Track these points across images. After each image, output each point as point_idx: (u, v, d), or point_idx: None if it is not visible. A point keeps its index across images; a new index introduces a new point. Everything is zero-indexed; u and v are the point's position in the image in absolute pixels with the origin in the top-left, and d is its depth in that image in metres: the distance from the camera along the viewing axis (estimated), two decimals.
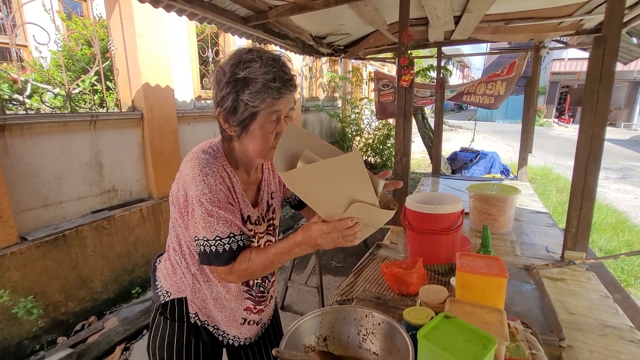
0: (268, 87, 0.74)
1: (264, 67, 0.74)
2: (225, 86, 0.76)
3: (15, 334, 2.08)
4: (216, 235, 0.80)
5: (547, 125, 17.72)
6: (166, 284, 0.98)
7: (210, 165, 0.81)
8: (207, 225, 0.79)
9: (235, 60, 0.76)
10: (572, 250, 1.63)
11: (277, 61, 0.77)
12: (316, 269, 2.55)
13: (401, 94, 1.90)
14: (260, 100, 0.75)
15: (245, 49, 0.79)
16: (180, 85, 3.43)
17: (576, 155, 1.54)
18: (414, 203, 1.46)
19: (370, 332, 0.95)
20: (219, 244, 0.80)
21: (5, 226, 2.05)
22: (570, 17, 2.63)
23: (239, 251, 0.82)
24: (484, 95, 4.10)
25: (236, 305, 0.97)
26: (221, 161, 0.84)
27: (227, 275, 0.83)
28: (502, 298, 1.01)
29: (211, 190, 0.79)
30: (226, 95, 0.76)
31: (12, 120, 2.11)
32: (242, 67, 0.74)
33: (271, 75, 0.74)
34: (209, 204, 0.79)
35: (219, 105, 0.79)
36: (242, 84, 0.74)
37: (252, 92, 0.74)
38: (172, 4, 1.95)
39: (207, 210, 0.79)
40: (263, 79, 0.73)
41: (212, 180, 0.80)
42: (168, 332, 0.97)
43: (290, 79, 0.78)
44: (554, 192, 5.29)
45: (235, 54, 0.79)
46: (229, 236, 0.81)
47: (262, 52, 0.77)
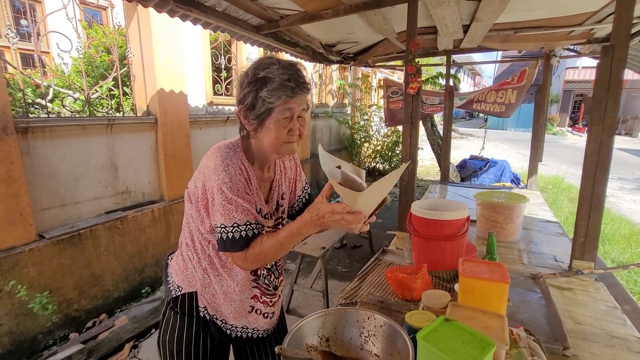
0: (283, 86, 0.82)
1: (281, 69, 0.83)
2: (247, 85, 0.85)
3: (30, 329, 2.15)
4: (234, 222, 0.86)
5: (561, 134, 17.39)
6: (177, 279, 1.02)
7: (231, 157, 0.88)
8: (226, 212, 0.86)
9: (257, 64, 0.87)
10: (580, 260, 1.61)
11: (293, 66, 0.86)
12: (322, 273, 2.57)
13: (408, 101, 1.93)
14: (276, 97, 0.83)
15: (266, 56, 0.89)
16: (194, 90, 3.54)
17: (584, 164, 1.54)
18: (419, 209, 1.47)
19: (372, 334, 0.96)
20: (235, 231, 0.86)
21: (25, 224, 2.15)
22: (581, 26, 2.62)
23: (253, 238, 0.88)
24: (495, 103, 4.07)
25: (244, 295, 1.02)
26: (240, 156, 0.92)
27: (243, 261, 0.89)
28: (503, 304, 1.02)
29: (231, 180, 0.86)
30: (247, 94, 0.85)
31: (34, 123, 2.21)
32: (262, 68, 0.84)
33: (287, 76, 0.83)
34: (230, 192, 0.85)
35: (240, 103, 0.88)
36: (262, 82, 0.83)
37: (270, 89, 0.82)
38: (187, 14, 2.03)
39: (227, 198, 0.85)
40: (280, 79, 0.82)
41: (233, 170, 0.87)
42: (178, 325, 1.01)
43: (304, 82, 0.86)
44: (565, 201, 5.18)
45: (257, 60, 0.89)
46: (245, 223, 0.87)
47: (281, 59, 0.87)
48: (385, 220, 4.91)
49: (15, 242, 2.10)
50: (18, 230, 2.11)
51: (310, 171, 5.80)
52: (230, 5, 2.10)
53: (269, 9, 2.23)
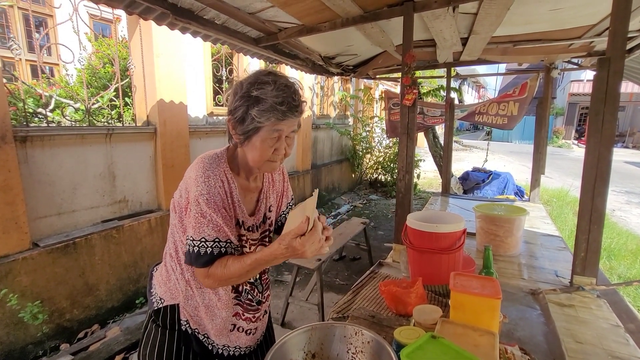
0: (275, 109, 0.81)
1: (276, 91, 0.81)
2: (239, 99, 0.84)
3: (20, 338, 2.12)
4: (202, 237, 0.85)
5: (566, 147, 17.28)
6: (160, 291, 1.01)
7: (213, 169, 0.88)
8: (198, 225, 0.85)
9: (252, 79, 0.84)
10: (582, 275, 1.56)
11: (289, 88, 0.83)
12: (317, 286, 2.52)
13: (404, 113, 1.92)
14: (265, 118, 0.82)
15: (264, 71, 0.86)
16: (194, 101, 3.58)
17: (583, 176, 1.51)
18: (414, 221, 1.45)
19: (360, 351, 0.93)
20: (202, 246, 0.85)
21: (20, 232, 2.15)
22: (580, 39, 2.63)
23: (219, 256, 0.87)
24: (497, 115, 4.07)
25: (226, 313, 0.99)
26: (223, 167, 0.91)
27: (205, 278, 0.88)
28: (495, 320, 0.98)
29: (209, 192, 0.85)
30: (238, 107, 0.84)
31: (33, 132, 2.24)
32: (256, 87, 0.82)
33: (280, 99, 0.81)
34: (205, 204, 0.85)
35: (231, 114, 0.87)
36: (254, 101, 0.82)
37: (260, 109, 0.81)
38: (186, 27, 2.07)
39: (202, 211, 0.85)
40: (272, 101, 0.80)
41: (213, 182, 0.86)
42: (159, 339, 0.99)
43: (297, 105, 0.84)
44: (570, 215, 5.08)
45: (255, 73, 0.86)
46: (214, 240, 0.86)
47: (278, 77, 0.84)
48: (386, 233, 4.86)
49: (8, 250, 2.10)
50: (12, 238, 2.11)
51: (311, 182, 5.79)
52: (229, 18, 2.14)
53: (267, 21, 2.27)
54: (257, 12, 2.11)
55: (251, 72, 0.87)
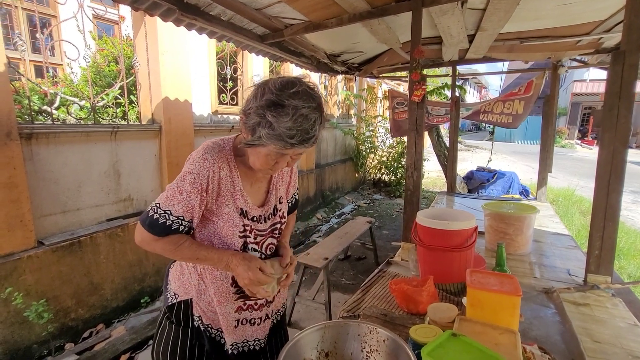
0: (284, 140, 0.78)
1: (291, 122, 0.76)
2: (255, 109, 0.79)
3: (25, 338, 2.11)
4: (169, 209, 0.85)
5: (569, 147, 17.20)
6: (175, 286, 1.01)
7: (214, 153, 0.88)
8: (171, 197, 0.85)
9: (274, 96, 0.77)
10: (596, 273, 1.54)
11: (308, 119, 0.78)
12: (324, 285, 2.50)
13: (413, 109, 1.90)
14: (272, 144, 0.79)
15: (291, 88, 0.78)
16: (199, 99, 3.57)
17: (597, 173, 1.48)
18: (425, 218, 1.42)
19: (375, 349, 0.91)
20: (163, 215, 0.85)
21: (25, 230, 2.13)
22: (589, 36, 2.60)
23: (174, 232, 0.86)
24: (502, 114, 4.04)
25: (228, 309, 0.99)
26: (227, 154, 0.91)
27: (149, 242, 0.87)
28: (515, 319, 0.95)
29: (199, 173, 0.85)
30: (252, 115, 0.80)
31: (39, 129, 2.23)
32: (273, 110, 0.76)
33: (293, 132, 0.77)
34: (189, 183, 0.85)
35: (244, 114, 0.84)
36: (267, 123, 0.77)
37: (270, 134, 0.77)
38: (193, 23, 2.06)
39: (182, 187, 0.85)
40: (284, 132, 0.77)
41: (207, 166, 0.86)
42: (172, 336, 0.98)
43: (310, 138, 0.80)
44: (577, 214, 5.04)
45: (281, 87, 0.78)
46: (178, 217, 0.85)
47: (301, 102, 0.77)
48: (391, 232, 4.83)
49: (14, 249, 2.09)
50: (17, 236, 2.10)
51: (315, 182, 5.77)
52: (235, 15, 2.12)
53: (273, 18, 2.25)
54: (264, 7, 2.09)
55: (278, 79, 0.80)
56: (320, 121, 0.81)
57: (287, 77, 0.83)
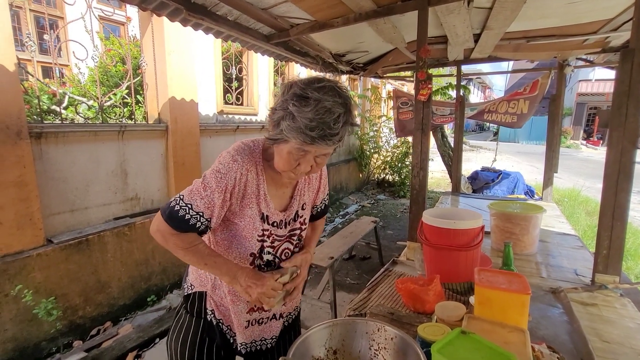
0: (303, 132, 0.75)
1: (313, 113, 0.73)
2: (281, 103, 0.79)
3: (34, 335, 2.13)
4: (190, 203, 0.84)
5: (575, 147, 17.06)
6: (192, 277, 1.03)
7: (244, 155, 0.87)
8: (195, 192, 0.85)
9: (300, 88, 0.76)
10: (604, 273, 1.53)
11: (331, 113, 0.75)
12: (330, 284, 2.50)
13: (419, 108, 1.90)
14: (292, 137, 0.77)
15: (317, 81, 0.78)
16: (204, 99, 3.59)
17: (605, 172, 1.47)
18: (431, 218, 1.42)
19: (383, 347, 0.92)
20: (184, 208, 0.84)
21: (34, 228, 2.16)
22: (596, 35, 2.58)
23: (192, 228, 0.85)
24: (506, 113, 4.02)
25: (240, 308, 0.99)
26: (256, 157, 0.90)
27: (164, 235, 0.86)
28: (524, 317, 0.95)
29: (227, 173, 0.85)
30: (277, 111, 0.80)
31: (48, 129, 2.26)
32: (296, 101, 0.75)
33: (314, 124, 0.74)
34: (214, 181, 0.84)
35: (271, 111, 0.83)
36: (289, 115, 0.76)
37: (290, 127, 0.76)
38: (199, 23, 2.07)
39: (207, 184, 0.84)
40: (304, 124, 0.74)
41: (235, 167, 0.86)
42: (185, 326, 1.00)
43: (333, 134, 0.76)
44: (583, 215, 5.00)
45: (307, 81, 0.78)
46: (198, 212, 0.85)
47: (325, 95, 0.75)
48: (395, 232, 4.82)
49: (23, 247, 2.11)
50: (27, 234, 2.13)
51: None
52: (242, 14, 2.14)
53: (279, 17, 2.26)
54: (270, 7, 2.10)
55: (308, 76, 0.81)
56: (345, 118, 0.77)
57: (315, 75, 0.82)
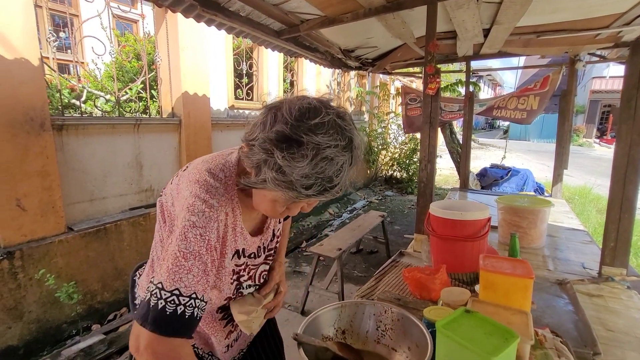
0: (297, 189, 0.57)
1: (309, 168, 0.55)
2: (262, 141, 0.57)
3: (56, 317, 2.24)
4: (176, 288, 0.60)
5: (587, 146, 16.71)
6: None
7: (219, 197, 0.66)
8: (175, 267, 0.60)
9: (289, 129, 0.55)
10: (611, 266, 1.53)
11: (333, 164, 0.56)
12: (337, 275, 2.55)
13: (427, 102, 1.92)
14: (281, 192, 0.59)
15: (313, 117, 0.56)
16: (216, 94, 3.67)
17: (613, 165, 1.48)
18: (438, 209, 1.45)
19: (389, 328, 0.95)
20: (171, 301, 0.59)
21: (56, 216, 2.27)
22: (608, 29, 2.55)
23: (191, 322, 0.62)
24: (516, 109, 3.99)
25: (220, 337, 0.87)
26: (230, 191, 0.69)
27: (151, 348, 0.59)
28: (527, 301, 0.98)
29: (206, 226, 0.64)
30: (256, 148, 0.59)
31: (69, 121, 2.36)
32: (286, 149, 0.55)
33: (311, 181, 0.56)
34: (195, 242, 0.62)
35: (247, 142, 0.62)
36: (275, 165, 0.56)
37: (278, 180, 0.57)
38: (213, 19, 2.13)
39: (187, 250, 0.61)
40: (297, 181, 0.56)
41: (215, 216, 0.65)
42: None
43: (333, 187, 0.59)
44: (593, 212, 4.94)
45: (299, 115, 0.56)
46: (190, 296, 0.61)
47: (326, 138, 0.55)
48: (403, 227, 4.85)
49: (46, 233, 2.22)
50: (50, 221, 2.23)
51: None
52: (254, 10, 2.18)
53: (290, 13, 2.30)
54: (281, 3, 2.14)
55: (296, 103, 0.58)
56: (350, 163, 0.59)
57: (307, 99, 0.60)
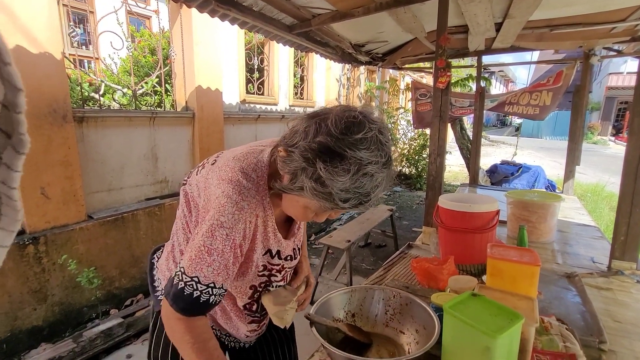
0: (334, 201, 0.60)
1: (350, 182, 0.57)
2: (303, 150, 0.59)
3: (77, 301, 2.35)
4: (195, 275, 0.66)
5: (602, 144, 16.32)
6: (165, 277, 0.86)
7: (250, 198, 0.68)
8: (197, 260, 0.66)
9: (333, 142, 0.57)
10: (621, 260, 1.53)
11: (372, 180, 0.59)
12: (346, 267, 2.60)
13: (437, 96, 1.93)
14: (316, 202, 0.62)
15: (358, 131, 0.58)
16: (228, 89, 3.73)
17: (625, 158, 1.48)
18: (447, 201, 1.47)
19: (398, 312, 0.98)
20: (190, 285, 0.66)
21: (77, 204, 2.37)
22: (624, 22, 2.50)
23: (205, 305, 0.68)
24: (528, 105, 3.94)
25: (241, 324, 0.90)
26: (262, 192, 0.70)
27: (173, 320, 0.69)
28: (534, 288, 1.01)
29: (234, 227, 0.67)
30: (296, 155, 0.60)
31: (89, 113, 2.45)
32: (329, 161, 0.57)
33: (349, 195, 0.59)
34: (221, 241, 0.66)
35: (286, 147, 0.63)
36: (315, 174, 0.58)
37: (316, 190, 0.59)
38: (227, 13, 2.17)
39: (212, 247, 0.66)
40: (336, 194, 0.59)
41: (244, 217, 0.68)
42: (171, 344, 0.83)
43: (368, 201, 0.62)
44: (606, 210, 4.86)
45: (345, 128, 0.58)
46: (207, 285, 0.67)
47: (368, 154, 0.57)
48: (411, 223, 4.86)
49: (68, 220, 2.33)
50: (71, 209, 2.34)
51: None
52: (266, 5, 2.22)
53: (302, 7, 2.33)
54: None
55: (343, 115, 0.60)
56: (386, 180, 0.62)
57: (352, 112, 0.60)
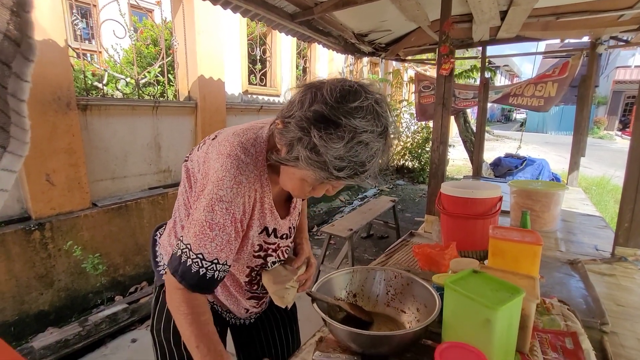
0: (328, 170, 0.59)
1: (344, 149, 0.56)
2: (299, 119, 0.58)
3: (83, 287, 2.39)
4: (200, 252, 0.68)
5: (608, 138, 16.13)
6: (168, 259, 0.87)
7: (248, 173, 0.69)
8: (200, 236, 0.68)
9: (328, 109, 0.56)
10: (624, 246, 1.53)
11: (367, 149, 0.58)
12: (348, 257, 2.61)
13: (440, 83, 1.92)
14: (312, 171, 0.61)
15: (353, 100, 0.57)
16: (230, 79, 3.73)
17: (630, 145, 1.46)
18: (450, 188, 1.46)
19: (399, 292, 0.99)
20: (196, 263, 0.68)
21: (82, 192, 2.40)
22: (632, 10, 2.46)
23: (211, 282, 0.71)
24: (533, 97, 3.90)
25: (241, 299, 0.91)
26: (260, 167, 0.71)
27: (174, 289, 0.71)
28: (535, 267, 1.01)
29: (233, 201, 0.68)
30: (292, 126, 0.60)
31: (92, 102, 2.47)
32: (323, 129, 0.56)
33: (344, 163, 0.58)
34: (221, 215, 0.67)
35: (283, 119, 0.62)
36: (310, 143, 0.58)
37: (311, 159, 0.58)
38: (229, 1, 2.16)
39: (213, 221, 0.67)
40: (330, 162, 0.57)
41: (242, 191, 0.69)
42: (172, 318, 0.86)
43: (364, 172, 0.60)
44: (611, 202, 4.82)
45: (340, 97, 0.57)
46: (212, 261, 0.69)
47: (363, 122, 0.57)
48: (413, 215, 4.86)
49: (73, 207, 2.35)
50: (76, 196, 2.36)
51: None
52: None
53: None
54: None
55: (338, 85, 0.59)
56: (382, 151, 0.61)
57: (348, 81, 0.60)
